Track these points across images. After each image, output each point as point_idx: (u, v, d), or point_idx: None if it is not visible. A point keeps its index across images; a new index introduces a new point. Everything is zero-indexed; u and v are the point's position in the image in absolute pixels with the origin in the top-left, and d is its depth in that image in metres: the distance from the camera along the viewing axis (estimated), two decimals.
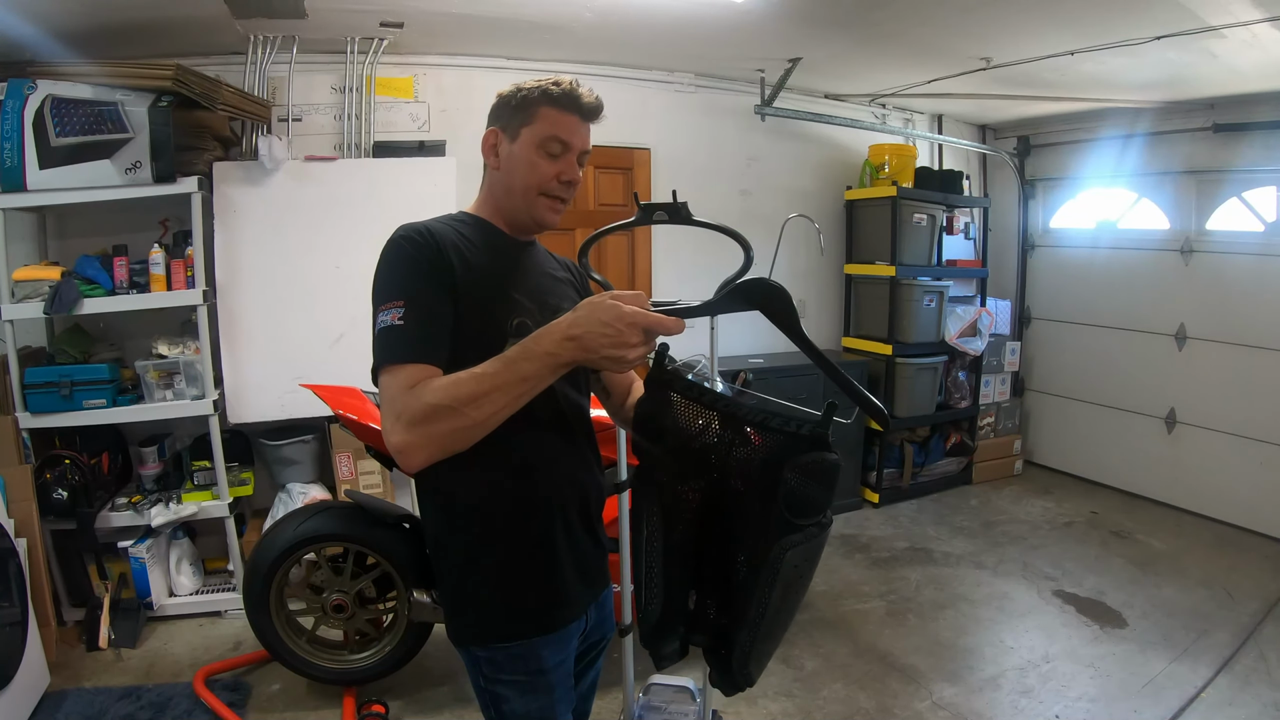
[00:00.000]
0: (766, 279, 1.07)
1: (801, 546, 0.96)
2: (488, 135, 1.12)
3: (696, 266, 3.62)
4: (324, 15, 2.78)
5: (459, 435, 0.93)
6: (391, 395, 0.93)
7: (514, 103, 1.08)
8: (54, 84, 2.51)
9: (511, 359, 0.92)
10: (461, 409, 0.91)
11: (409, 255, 1.01)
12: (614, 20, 2.92)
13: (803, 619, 2.91)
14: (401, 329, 0.95)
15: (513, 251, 1.15)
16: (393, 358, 0.95)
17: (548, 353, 0.91)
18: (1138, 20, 2.67)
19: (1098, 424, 4.55)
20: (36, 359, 2.71)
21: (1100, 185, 4.55)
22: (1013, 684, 2.48)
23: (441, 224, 1.09)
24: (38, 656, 2.31)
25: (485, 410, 0.91)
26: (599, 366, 0.94)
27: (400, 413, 0.92)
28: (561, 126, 1.07)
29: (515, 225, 1.15)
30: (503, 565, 1.09)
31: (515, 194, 1.10)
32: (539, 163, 1.07)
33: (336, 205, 2.93)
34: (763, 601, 0.97)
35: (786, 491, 0.95)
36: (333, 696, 2.35)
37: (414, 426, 0.91)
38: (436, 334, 0.98)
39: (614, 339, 0.89)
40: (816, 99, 4.20)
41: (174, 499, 2.81)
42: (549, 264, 1.24)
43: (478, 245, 1.09)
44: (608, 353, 0.89)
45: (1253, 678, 2.49)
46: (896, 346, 4.12)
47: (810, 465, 0.94)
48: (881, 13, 2.79)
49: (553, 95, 1.06)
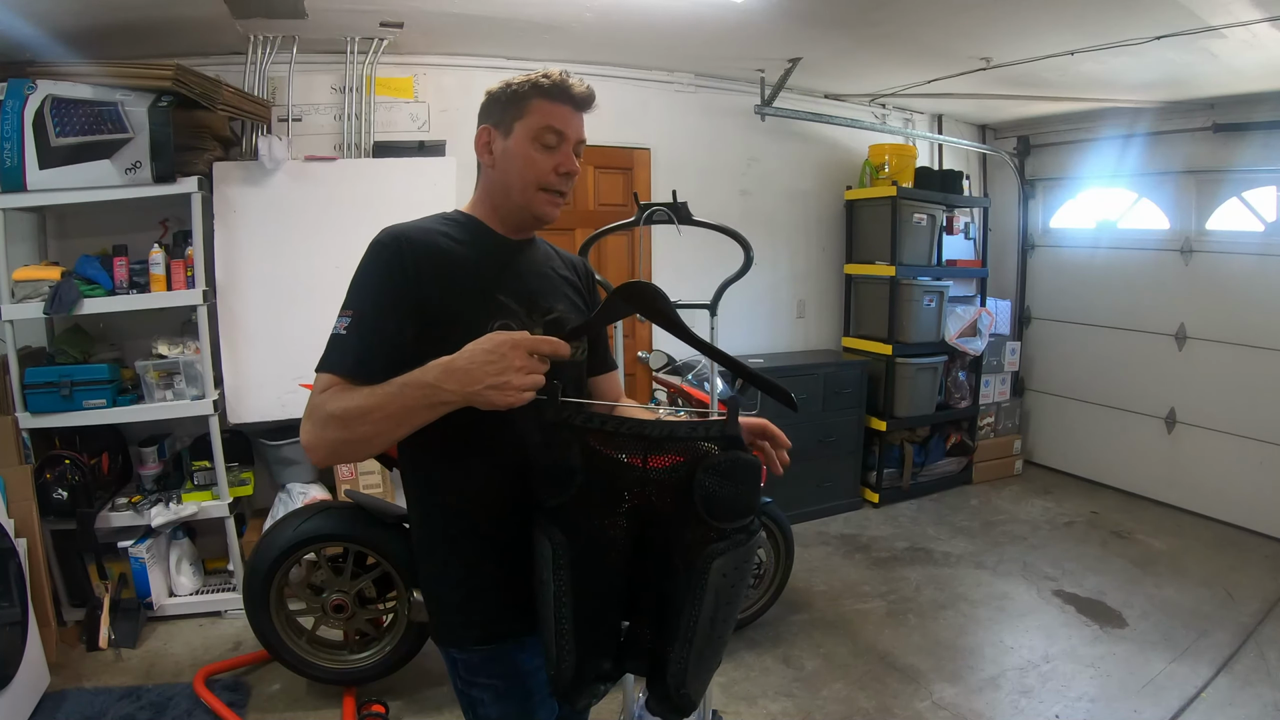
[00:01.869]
0: (640, 281, 1.04)
1: (728, 555, 0.94)
2: (480, 133, 1.10)
3: (696, 266, 3.62)
4: (324, 15, 2.78)
5: (348, 446, 0.95)
6: (310, 396, 0.97)
7: (504, 98, 1.07)
8: (54, 84, 2.51)
9: (401, 385, 0.91)
10: (348, 423, 0.92)
11: (373, 266, 1.01)
12: (614, 20, 2.92)
13: (803, 619, 2.91)
14: (343, 339, 0.98)
15: (504, 252, 1.13)
16: (326, 365, 0.98)
17: (429, 384, 0.89)
18: (1138, 20, 2.67)
19: (1098, 424, 4.56)
20: (36, 359, 2.71)
21: (1100, 185, 4.55)
22: (1013, 684, 2.48)
23: (428, 225, 1.07)
24: (38, 656, 2.31)
25: (366, 430, 0.92)
26: (486, 403, 0.88)
27: (309, 413, 0.96)
28: (555, 117, 1.05)
29: (513, 223, 1.13)
30: (478, 565, 1.08)
31: (513, 190, 1.08)
32: (535, 156, 1.06)
33: (336, 205, 2.93)
34: (693, 615, 0.94)
35: (702, 495, 0.93)
36: (333, 696, 2.35)
37: (314, 429, 0.94)
38: (374, 351, 0.97)
39: (497, 366, 0.87)
40: (816, 99, 4.20)
41: (174, 499, 2.81)
42: (550, 263, 1.20)
43: (464, 245, 1.07)
44: (492, 381, 0.86)
45: (1253, 678, 2.49)
46: (896, 346, 4.12)
47: (723, 465, 0.93)
48: (881, 13, 2.79)
49: (543, 87, 1.05)
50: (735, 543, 0.94)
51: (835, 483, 4.07)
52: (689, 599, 0.95)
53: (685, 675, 0.98)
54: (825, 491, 4.03)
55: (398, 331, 0.99)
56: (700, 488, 0.94)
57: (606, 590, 1.01)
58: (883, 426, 4.12)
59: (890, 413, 4.15)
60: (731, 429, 0.95)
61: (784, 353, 4.29)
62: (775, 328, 4.32)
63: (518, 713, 1.10)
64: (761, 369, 4.21)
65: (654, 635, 1.03)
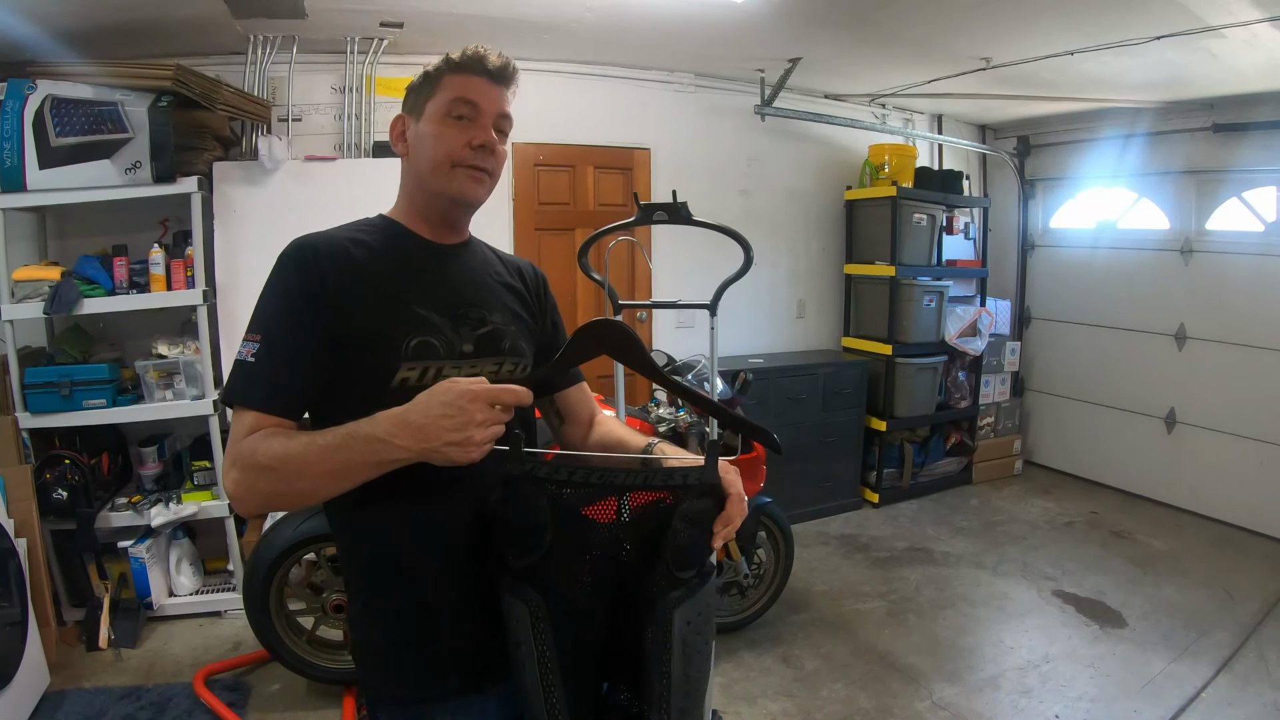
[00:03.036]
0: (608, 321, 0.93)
1: (687, 603, 0.87)
2: (394, 124, 1.02)
3: (696, 266, 3.62)
4: (324, 15, 2.78)
5: (282, 500, 0.89)
6: (233, 438, 0.87)
7: (419, 82, 1.00)
8: (54, 84, 2.51)
9: (346, 436, 0.82)
10: (285, 478, 0.84)
11: (278, 283, 0.92)
12: (614, 20, 2.92)
13: (803, 619, 2.91)
14: (252, 367, 0.89)
15: (427, 257, 1.01)
16: (239, 398, 0.89)
17: (379, 439, 0.80)
18: (1138, 20, 2.67)
19: (1098, 424, 4.55)
20: (36, 359, 2.71)
21: (1100, 185, 4.55)
22: (1013, 684, 2.48)
23: (338, 234, 0.99)
24: (38, 656, 2.31)
25: (305, 486, 0.84)
26: (445, 460, 0.80)
27: (235, 459, 0.85)
28: (466, 88, 0.96)
29: (436, 217, 1.02)
30: (397, 615, 0.95)
31: (426, 175, 0.98)
32: (445, 131, 0.96)
33: (337, 205, 2.87)
34: (665, 674, 0.87)
35: (675, 544, 0.86)
36: (333, 696, 2.35)
37: (242, 478, 0.85)
38: (287, 379, 0.89)
39: (456, 420, 0.78)
40: (816, 99, 4.20)
41: (174, 499, 2.82)
42: (488, 269, 1.08)
43: (379, 254, 0.97)
44: (451, 438, 0.78)
45: (1253, 678, 2.49)
46: (896, 346, 4.12)
47: (699, 513, 0.87)
48: (881, 13, 2.79)
49: (454, 61, 0.97)
50: (691, 589, 0.87)
51: (835, 483, 4.07)
52: (658, 657, 0.87)
53: None
54: (825, 491, 4.03)
55: (310, 354, 0.90)
56: (674, 537, 0.87)
57: (583, 649, 0.93)
58: (883, 426, 4.12)
59: (890, 413, 4.15)
60: (709, 476, 0.87)
61: (784, 353, 4.29)
62: (775, 328, 4.32)
63: None
64: (761, 369, 4.17)
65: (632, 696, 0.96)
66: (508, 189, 3.51)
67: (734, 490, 0.88)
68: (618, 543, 0.92)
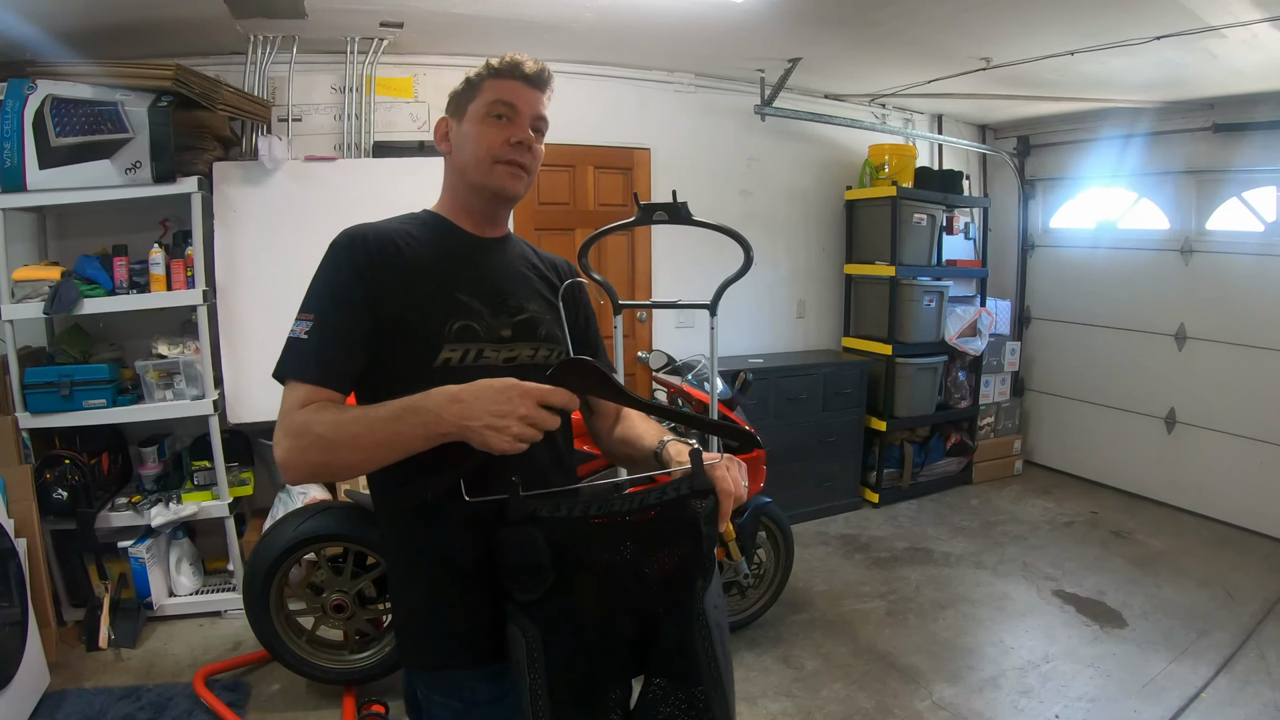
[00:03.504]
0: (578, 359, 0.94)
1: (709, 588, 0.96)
2: (438, 126, 1.11)
3: (696, 266, 3.62)
4: (324, 15, 2.78)
5: (329, 470, 0.94)
6: (284, 410, 0.94)
7: (461, 88, 1.08)
8: (54, 84, 2.51)
9: (400, 409, 0.89)
10: (335, 449, 0.90)
11: (330, 267, 1.00)
12: (614, 20, 2.92)
13: (803, 619, 2.91)
14: (305, 344, 0.96)
15: (470, 250, 1.09)
16: (293, 373, 0.95)
17: (430, 410, 0.87)
18: (1138, 20, 2.67)
19: (1098, 424, 4.56)
20: (36, 359, 2.71)
21: (1100, 185, 4.55)
22: (1013, 684, 2.48)
23: (388, 225, 1.06)
24: (38, 656, 2.31)
25: (354, 457, 0.91)
26: (480, 441, 0.86)
27: (286, 430, 0.92)
28: (504, 91, 1.05)
29: (478, 210, 1.10)
30: (434, 586, 1.03)
31: (469, 171, 1.06)
32: (486, 130, 1.04)
33: (337, 205, 2.91)
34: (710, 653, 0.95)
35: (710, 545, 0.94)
36: (333, 696, 2.35)
37: (294, 447, 0.91)
38: (339, 355, 0.96)
39: (502, 408, 0.85)
40: (816, 99, 4.20)
41: (174, 499, 2.81)
42: (525, 262, 1.16)
43: (425, 245, 1.05)
44: (491, 421, 0.85)
45: (1253, 678, 2.49)
46: (896, 346, 4.12)
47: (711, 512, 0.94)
48: (881, 13, 2.79)
49: (494, 67, 1.05)
50: (707, 571, 0.95)
51: (835, 483, 4.07)
52: (702, 642, 0.94)
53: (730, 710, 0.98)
54: (825, 491, 4.03)
55: (359, 333, 0.97)
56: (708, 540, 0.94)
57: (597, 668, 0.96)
58: (883, 426, 4.12)
59: (890, 413, 4.15)
60: (700, 484, 0.93)
61: (784, 353, 4.29)
62: (775, 328, 4.32)
63: None
64: (761, 369, 4.18)
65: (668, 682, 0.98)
66: None
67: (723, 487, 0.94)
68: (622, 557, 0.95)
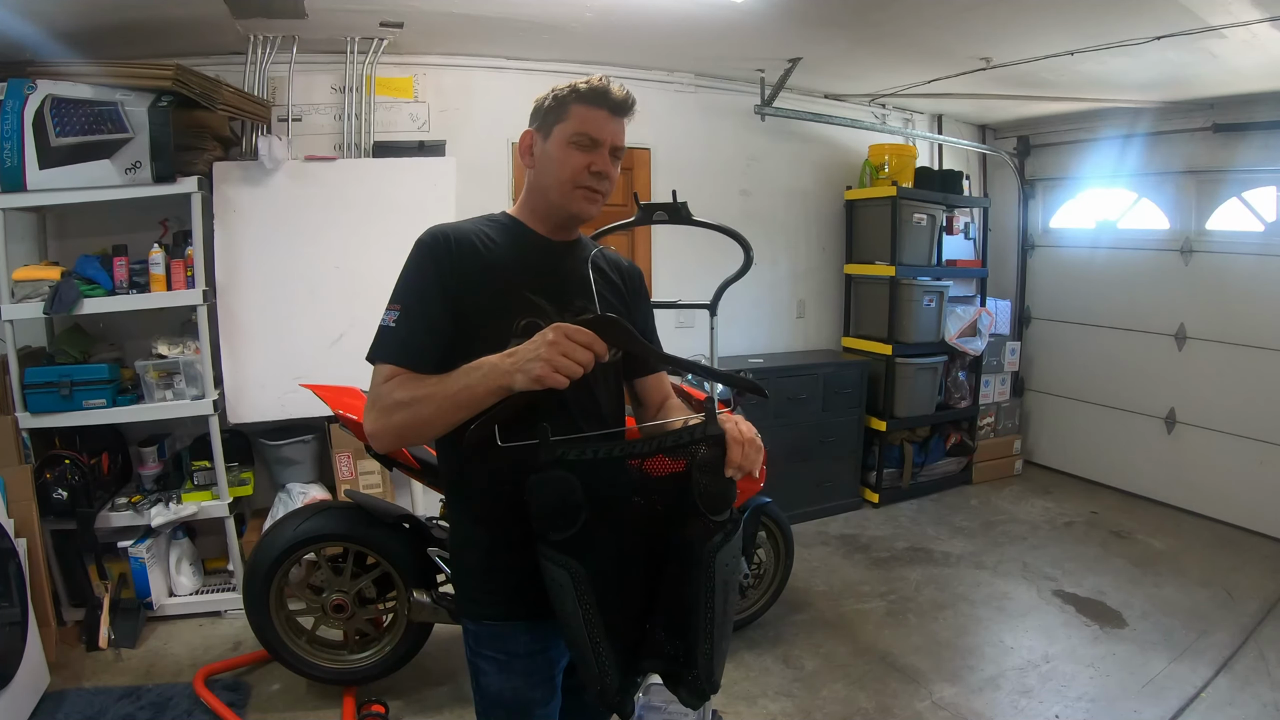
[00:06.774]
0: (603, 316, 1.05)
1: (725, 547, 1.02)
2: (523, 137, 1.18)
3: (696, 266, 3.62)
4: (324, 15, 2.78)
5: (411, 430, 1.04)
6: (372, 386, 1.07)
7: (548, 104, 1.14)
8: (54, 84, 2.51)
9: (466, 369, 1.00)
10: (414, 407, 1.02)
11: (416, 263, 1.10)
12: (614, 20, 2.91)
13: (803, 619, 2.91)
14: (393, 331, 1.07)
15: (542, 252, 1.18)
16: (379, 355, 1.07)
17: (492, 364, 0.99)
18: (1138, 20, 2.67)
19: (1098, 424, 4.56)
20: (36, 359, 2.71)
21: (1100, 185, 4.55)
22: (1013, 684, 2.48)
23: (469, 226, 1.15)
24: (38, 656, 2.31)
25: (429, 412, 1.01)
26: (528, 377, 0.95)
27: (374, 402, 1.05)
28: (590, 122, 1.11)
29: (553, 222, 1.19)
30: (491, 547, 1.15)
31: (550, 190, 1.15)
32: (570, 156, 1.12)
33: (336, 205, 2.93)
34: (709, 608, 1.02)
35: (700, 491, 1.01)
36: (333, 696, 2.35)
37: (380, 416, 1.04)
38: (423, 341, 1.07)
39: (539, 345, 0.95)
40: (816, 99, 4.20)
41: (174, 499, 2.81)
42: (592, 265, 1.24)
43: (501, 246, 1.14)
44: (532, 354, 0.95)
45: (1253, 678, 2.49)
46: (896, 346, 4.12)
47: (713, 461, 1.01)
48: (881, 13, 2.79)
49: (582, 92, 1.12)
50: (728, 533, 1.02)
51: (835, 483, 4.07)
52: (702, 595, 1.02)
53: (713, 664, 1.05)
54: (825, 491, 4.03)
55: (440, 323, 1.08)
56: (697, 485, 1.01)
57: (626, 603, 1.06)
58: (883, 426, 4.12)
59: (890, 413, 4.15)
60: (713, 429, 1.01)
61: (784, 353, 4.29)
62: (775, 328, 4.32)
63: (515, 689, 1.17)
64: (761, 369, 4.18)
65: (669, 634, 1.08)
66: (508, 187, 3.51)
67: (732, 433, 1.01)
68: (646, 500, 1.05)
